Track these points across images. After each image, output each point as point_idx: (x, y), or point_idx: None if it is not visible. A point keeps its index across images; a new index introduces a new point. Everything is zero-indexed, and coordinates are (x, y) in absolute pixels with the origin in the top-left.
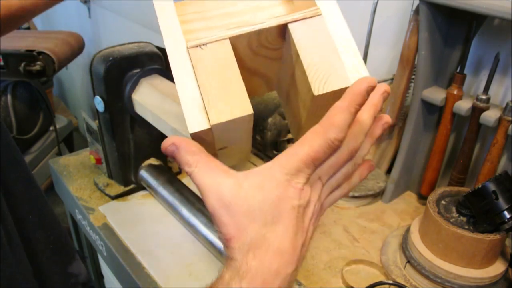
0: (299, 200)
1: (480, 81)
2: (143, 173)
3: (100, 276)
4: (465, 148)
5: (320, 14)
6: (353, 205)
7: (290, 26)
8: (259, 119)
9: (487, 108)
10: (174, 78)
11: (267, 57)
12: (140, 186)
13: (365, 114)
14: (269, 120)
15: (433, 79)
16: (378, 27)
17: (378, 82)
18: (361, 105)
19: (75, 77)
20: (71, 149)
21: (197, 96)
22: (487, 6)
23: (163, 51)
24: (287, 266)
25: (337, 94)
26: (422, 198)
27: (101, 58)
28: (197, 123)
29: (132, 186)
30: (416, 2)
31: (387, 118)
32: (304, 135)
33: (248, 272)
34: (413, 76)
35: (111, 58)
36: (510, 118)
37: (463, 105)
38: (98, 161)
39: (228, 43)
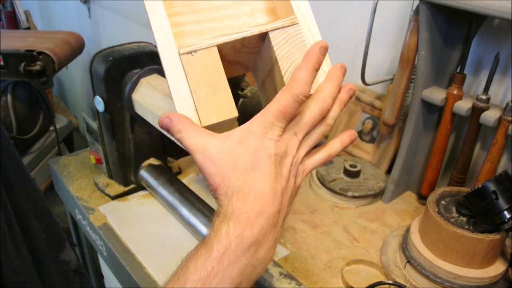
0: (275, 149)
1: (480, 81)
2: (143, 173)
3: (100, 276)
4: (465, 148)
5: (297, 23)
6: (353, 205)
7: (270, 33)
8: None
9: (487, 108)
10: (168, 81)
11: (247, 53)
12: (140, 186)
13: (330, 82)
14: None
15: (433, 79)
16: (378, 27)
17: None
18: (318, 63)
19: (75, 77)
20: (71, 149)
21: (189, 98)
22: (487, 6)
23: None
24: (268, 206)
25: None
26: (422, 198)
27: (101, 58)
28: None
29: (132, 186)
30: (416, 2)
31: (350, 85)
32: (275, 96)
33: (233, 213)
34: (413, 76)
35: (111, 58)
36: (510, 118)
37: (463, 105)
38: (98, 161)
39: (215, 50)
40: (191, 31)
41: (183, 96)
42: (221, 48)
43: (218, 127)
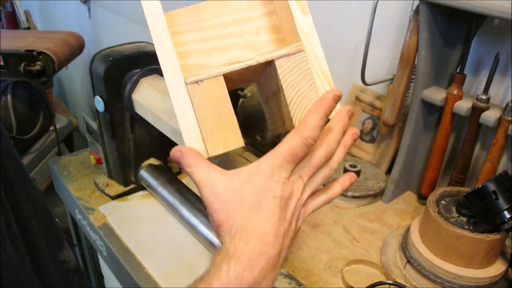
0: (281, 191)
1: (480, 81)
2: (143, 173)
3: (100, 276)
4: (465, 148)
5: (303, 50)
6: (353, 205)
7: (276, 61)
8: (259, 120)
9: (487, 108)
10: (175, 109)
11: (251, 74)
12: (140, 186)
13: (336, 126)
14: None
15: (433, 79)
16: (378, 27)
17: (378, 82)
18: (329, 109)
19: (75, 77)
20: (71, 149)
21: (196, 128)
22: (487, 6)
23: None
24: (269, 248)
25: None
26: (422, 198)
27: (101, 58)
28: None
29: (132, 186)
30: (416, 2)
31: (355, 130)
32: (284, 138)
33: (235, 252)
34: (413, 76)
35: (111, 58)
36: (510, 118)
37: (463, 105)
38: (98, 161)
39: (222, 79)
40: (196, 50)
41: (190, 126)
42: (226, 74)
43: (224, 154)
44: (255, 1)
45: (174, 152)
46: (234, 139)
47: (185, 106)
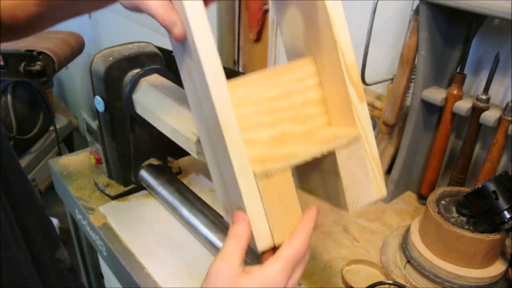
0: None
1: (480, 81)
2: (143, 173)
3: (100, 276)
4: (465, 148)
5: (360, 138)
6: None
7: (337, 151)
8: None
9: (487, 108)
10: (243, 199)
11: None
12: (140, 186)
13: (310, 224)
14: None
15: (433, 79)
16: (378, 27)
17: (378, 82)
18: (314, 223)
19: (75, 77)
20: (71, 149)
21: (264, 216)
22: (487, 6)
23: (163, 51)
24: None
25: None
26: (422, 198)
27: (101, 58)
28: (263, 240)
29: (132, 186)
30: (416, 2)
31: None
32: (283, 245)
33: None
34: (413, 76)
35: (111, 58)
36: (510, 118)
37: (463, 105)
38: (98, 161)
39: (289, 172)
40: (250, 125)
41: (259, 216)
42: None
43: None
44: (305, 72)
45: (240, 215)
46: None
47: (255, 198)
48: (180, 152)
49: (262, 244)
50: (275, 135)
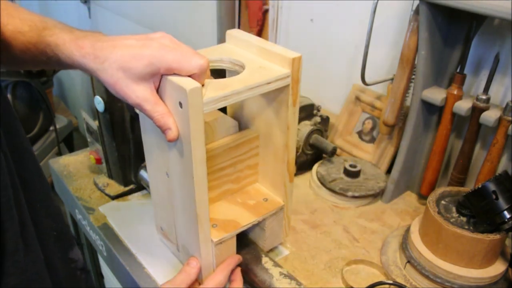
0: None
1: (480, 81)
2: (143, 173)
3: (100, 276)
4: (465, 148)
5: (283, 207)
6: (353, 205)
7: (267, 220)
8: None
9: (487, 108)
10: (202, 256)
11: None
12: (140, 186)
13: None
14: None
15: (433, 79)
16: (378, 27)
17: (378, 82)
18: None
19: (75, 77)
20: (71, 149)
21: (211, 264)
22: (487, 6)
23: None
24: None
25: None
26: (422, 198)
27: None
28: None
29: (132, 186)
30: (416, 2)
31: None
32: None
33: None
34: (413, 76)
35: None
36: (510, 118)
37: (463, 105)
38: (98, 161)
39: (234, 238)
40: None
41: (208, 264)
42: None
43: None
44: (251, 146)
45: (194, 262)
46: None
47: (209, 255)
48: None
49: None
50: (220, 193)
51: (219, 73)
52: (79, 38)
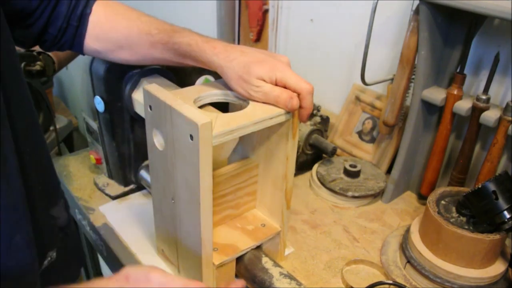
0: None
1: (480, 81)
2: (143, 173)
3: (100, 276)
4: (465, 148)
5: (280, 232)
6: (353, 205)
7: (264, 244)
8: None
9: (487, 108)
10: (203, 277)
11: None
12: (140, 186)
13: None
14: None
15: (433, 79)
16: (378, 27)
17: (378, 82)
18: None
19: (75, 77)
20: (71, 149)
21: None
22: (487, 6)
23: None
24: None
25: None
26: (422, 198)
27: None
28: None
29: (132, 186)
30: (416, 2)
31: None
32: None
33: None
34: (413, 76)
35: None
36: (510, 118)
37: (463, 105)
38: (98, 161)
39: (234, 263)
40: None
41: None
42: None
43: None
44: (251, 174)
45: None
46: None
47: (210, 277)
48: None
49: None
50: (220, 218)
51: (223, 106)
52: (209, 40)
